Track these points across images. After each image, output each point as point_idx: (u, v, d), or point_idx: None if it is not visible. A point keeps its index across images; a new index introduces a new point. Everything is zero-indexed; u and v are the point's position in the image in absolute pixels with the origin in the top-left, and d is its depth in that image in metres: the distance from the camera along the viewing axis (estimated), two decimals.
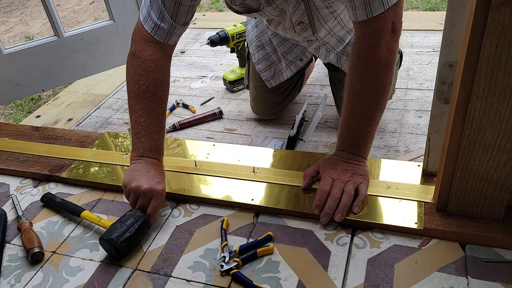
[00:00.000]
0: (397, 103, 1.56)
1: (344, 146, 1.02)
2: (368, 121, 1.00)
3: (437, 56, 1.38)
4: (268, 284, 0.86)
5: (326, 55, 1.38)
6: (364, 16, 0.93)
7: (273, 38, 1.44)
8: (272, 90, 1.49)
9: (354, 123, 1.00)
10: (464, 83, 0.77)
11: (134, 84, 1.04)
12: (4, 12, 4.17)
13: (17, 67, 1.66)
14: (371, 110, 0.99)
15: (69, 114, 1.78)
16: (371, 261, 0.89)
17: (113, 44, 1.80)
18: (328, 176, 0.99)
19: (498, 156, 0.82)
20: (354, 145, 1.01)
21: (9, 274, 0.96)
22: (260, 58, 1.48)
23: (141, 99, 1.03)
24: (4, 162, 1.30)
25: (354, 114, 0.99)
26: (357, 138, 1.01)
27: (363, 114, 0.99)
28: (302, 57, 1.44)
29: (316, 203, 0.97)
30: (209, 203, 1.08)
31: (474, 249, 0.88)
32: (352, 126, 1.00)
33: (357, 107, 0.99)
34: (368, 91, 0.98)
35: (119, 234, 0.94)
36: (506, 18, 0.68)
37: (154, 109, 1.04)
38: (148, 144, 1.03)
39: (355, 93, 0.99)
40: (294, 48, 1.43)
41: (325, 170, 1.02)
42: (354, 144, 1.01)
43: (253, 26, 1.49)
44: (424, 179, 1.05)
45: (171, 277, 0.91)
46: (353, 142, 1.01)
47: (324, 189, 0.97)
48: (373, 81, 0.97)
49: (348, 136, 1.01)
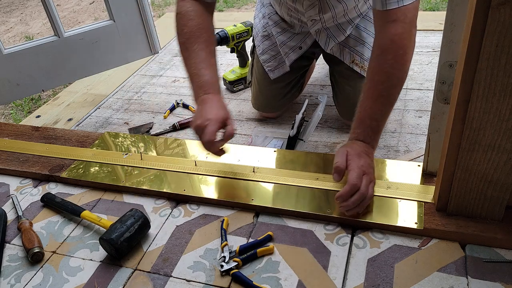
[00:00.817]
0: (397, 103, 1.54)
1: (364, 135, 1.01)
2: (389, 107, 1.02)
3: (437, 56, 1.38)
4: (268, 284, 0.86)
5: (326, 41, 1.38)
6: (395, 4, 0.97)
7: (273, 28, 1.45)
8: (275, 82, 1.50)
9: (378, 109, 1.01)
10: (464, 83, 0.77)
11: (180, 36, 1.10)
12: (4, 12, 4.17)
13: (17, 67, 1.66)
14: (393, 96, 1.01)
15: (69, 114, 1.78)
16: (371, 261, 0.89)
17: (113, 44, 1.80)
18: (358, 169, 0.96)
19: (498, 156, 0.82)
20: (374, 134, 1.01)
21: (9, 274, 0.96)
22: (266, 48, 1.49)
23: (188, 45, 1.08)
24: (4, 162, 1.30)
25: (379, 100, 1.01)
26: (378, 126, 1.01)
27: (387, 100, 1.01)
28: (301, 44, 1.44)
29: (343, 194, 0.93)
30: (209, 203, 1.08)
31: (474, 249, 0.88)
32: (375, 113, 1.01)
33: (383, 93, 1.00)
34: (396, 76, 1.00)
35: (119, 234, 0.94)
36: (506, 18, 0.68)
37: (202, 49, 1.07)
38: (200, 82, 1.06)
39: (384, 78, 1.00)
40: (294, 37, 1.43)
41: (354, 160, 0.98)
42: (374, 133, 1.01)
43: (260, 19, 1.51)
44: (424, 179, 1.05)
45: (171, 277, 0.91)
46: (374, 130, 1.01)
47: (357, 184, 0.93)
48: (402, 67, 1.00)
49: (370, 123, 1.01)
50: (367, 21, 1.35)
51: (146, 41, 1.88)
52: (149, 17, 1.83)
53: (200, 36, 1.08)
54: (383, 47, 1.01)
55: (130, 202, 1.12)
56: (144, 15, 1.81)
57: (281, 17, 1.44)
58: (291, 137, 1.33)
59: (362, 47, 1.35)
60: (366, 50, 1.34)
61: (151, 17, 1.85)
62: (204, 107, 1.03)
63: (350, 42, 1.35)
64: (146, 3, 1.81)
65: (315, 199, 1.03)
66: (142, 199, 1.13)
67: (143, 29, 1.84)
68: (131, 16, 1.79)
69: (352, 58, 1.35)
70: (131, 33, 1.82)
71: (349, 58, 1.36)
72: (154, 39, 1.88)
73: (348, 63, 1.36)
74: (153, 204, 1.11)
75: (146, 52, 1.91)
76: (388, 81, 1.00)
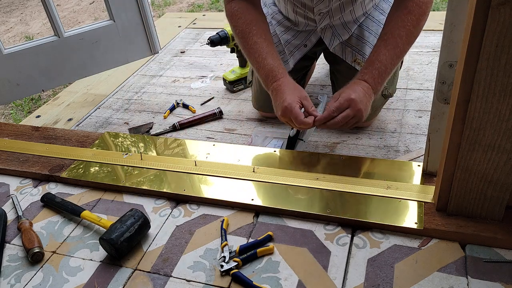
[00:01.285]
0: (397, 103, 1.55)
1: (370, 76, 1.11)
2: (398, 60, 1.13)
3: (437, 56, 1.38)
4: (268, 284, 0.86)
5: (331, 39, 1.38)
6: None
7: (277, 27, 1.45)
8: None
9: (390, 58, 1.11)
10: (464, 83, 0.77)
11: (236, 37, 1.22)
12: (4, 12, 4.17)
13: (17, 67, 1.66)
14: (405, 52, 1.14)
15: (69, 114, 1.78)
16: (371, 261, 0.89)
17: (113, 44, 1.80)
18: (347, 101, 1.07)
19: (498, 156, 0.82)
20: (379, 78, 1.11)
21: (9, 274, 0.96)
22: None
23: (244, 44, 1.18)
24: (4, 162, 1.30)
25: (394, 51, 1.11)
26: (385, 73, 1.11)
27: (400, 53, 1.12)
28: (306, 42, 1.44)
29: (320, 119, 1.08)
30: (209, 203, 1.08)
31: (474, 249, 0.88)
32: (386, 60, 1.11)
33: (400, 46, 1.11)
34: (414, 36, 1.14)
35: (119, 234, 0.95)
36: (506, 18, 0.68)
37: (256, 43, 1.16)
38: (264, 73, 1.15)
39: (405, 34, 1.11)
40: (299, 35, 1.43)
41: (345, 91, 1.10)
42: (380, 77, 1.11)
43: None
44: (424, 179, 1.05)
45: (171, 277, 0.91)
46: (380, 75, 1.11)
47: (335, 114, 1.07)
48: (420, 29, 1.14)
49: (379, 67, 1.11)
50: (370, 20, 1.35)
51: (146, 41, 1.88)
52: (149, 17, 1.83)
53: (251, 31, 1.17)
54: (409, 8, 1.11)
55: (130, 202, 1.12)
56: (144, 15, 1.81)
57: (284, 16, 1.44)
58: (291, 137, 1.33)
59: (364, 46, 1.34)
60: (368, 49, 1.34)
61: (151, 17, 1.85)
62: (278, 94, 1.11)
63: (352, 41, 1.35)
64: (146, 3, 1.80)
65: (315, 199, 1.03)
66: (142, 199, 1.13)
67: (143, 29, 1.84)
68: (131, 16, 1.79)
69: (354, 57, 1.35)
70: (131, 33, 1.82)
71: (351, 57, 1.36)
72: (154, 39, 1.88)
73: (350, 62, 1.36)
74: (153, 204, 1.11)
75: (146, 52, 1.91)
76: (406, 37, 1.12)
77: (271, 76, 1.13)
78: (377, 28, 1.34)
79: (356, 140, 1.40)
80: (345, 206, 1.00)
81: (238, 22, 1.18)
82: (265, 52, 1.15)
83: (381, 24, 1.34)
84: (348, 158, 1.16)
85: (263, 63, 1.14)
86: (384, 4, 1.36)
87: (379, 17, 1.35)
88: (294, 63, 1.45)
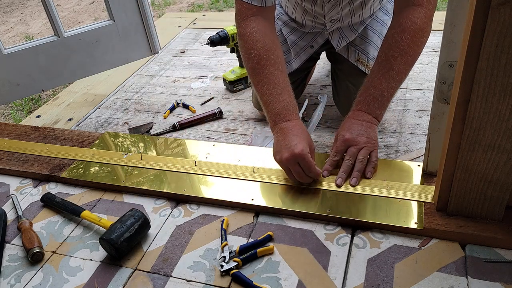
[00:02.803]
0: (397, 103, 1.56)
1: (363, 104, 1.07)
2: (397, 83, 1.07)
3: (437, 56, 1.38)
4: (268, 284, 0.86)
5: (338, 40, 1.38)
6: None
7: (283, 28, 1.44)
8: None
9: (386, 82, 1.05)
10: (464, 83, 0.77)
11: (248, 60, 1.09)
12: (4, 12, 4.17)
13: (17, 67, 1.66)
14: (403, 73, 1.06)
15: (69, 114, 1.78)
16: (371, 261, 0.89)
17: (113, 44, 1.80)
18: (343, 142, 1.04)
19: (498, 156, 0.82)
20: (376, 104, 1.06)
21: (9, 274, 0.96)
22: None
23: (258, 71, 1.07)
24: (4, 162, 1.30)
25: (389, 73, 1.05)
26: (382, 98, 1.06)
27: (396, 75, 1.05)
28: (313, 44, 1.44)
29: (326, 167, 1.06)
30: (209, 203, 1.08)
31: (474, 249, 0.88)
32: (381, 84, 1.05)
33: (395, 68, 1.05)
34: (410, 55, 1.05)
35: (119, 234, 0.95)
36: (506, 18, 0.68)
37: (272, 73, 1.06)
38: (276, 109, 1.05)
39: (399, 54, 1.05)
40: (305, 36, 1.43)
41: (340, 133, 1.07)
42: (377, 103, 1.06)
43: None
44: (424, 179, 1.05)
45: (171, 277, 0.91)
46: (377, 101, 1.06)
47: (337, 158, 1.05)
48: (417, 48, 1.06)
49: (374, 93, 1.06)
50: (375, 21, 1.35)
51: (146, 41, 1.88)
52: (149, 17, 1.83)
53: (269, 58, 1.07)
54: (403, 26, 1.05)
55: (130, 202, 1.12)
56: (144, 15, 1.81)
57: (291, 17, 1.44)
58: None
59: (368, 46, 1.35)
60: (371, 49, 1.34)
61: (151, 17, 1.85)
62: (288, 136, 1.01)
63: (356, 41, 1.35)
64: (146, 3, 1.80)
65: (315, 199, 1.03)
66: (142, 199, 1.13)
67: (143, 29, 1.84)
68: (131, 16, 1.79)
69: (357, 57, 1.35)
70: (131, 33, 1.82)
71: (355, 56, 1.36)
72: (154, 39, 1.88)
73: (353, 61, 1.36)
74: (153, 204, 1.11)
75: (146, 52, 1.91)
76: (401, 58, 1.05)
77: (284, 114, 1.04)
78: (381, 28, 1.34)
79: None
80: (345, 206, 1.00)
81: (256, 45, 1.07)
82: (281, 87, 1.06)
83: (385, 25, 1.34)
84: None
85: (277, 98, 1.05)
86: (388, 4, 1.36)
87: (383, 17, 1.35)
88: (300, 64, 1.45)
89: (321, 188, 1.05)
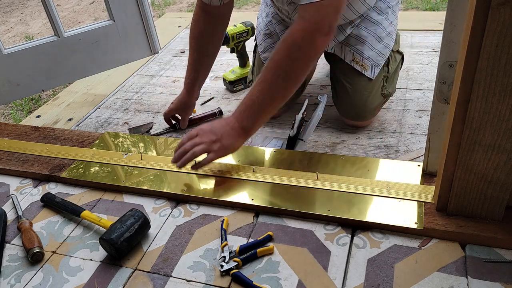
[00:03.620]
0: (397, 103, 1.55)
1: (237, 111, 1.10)
2: (270, 98, 1.05)
3: (437, 56, 1.38)
4: (268, 284, 0.86)
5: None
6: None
7: (276, 26, 1.45)
8: None
9: (257, 92, 1.06)
10: (464, 83, 0.77)
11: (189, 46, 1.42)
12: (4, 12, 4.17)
13: (17, 67, 1.66)
14: (276, 88, 1.05)
15: (69, 114, 1.78)
16: (371, 261, 0.89)
17: (113, 44, 1.80)
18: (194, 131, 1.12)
19: (498, 156, 0.82)
20: (246, 113, 1.08)
21: (9, 274, 0.96)
22: (267, 46, 1.49)
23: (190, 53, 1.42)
24: (4, 162, 1.30)
25: (262, 85, 1.06)
26: (252, 108, 1.07)
27: (269, 88, 1.05)
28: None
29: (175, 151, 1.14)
30: (209, 203, 1.08)
31: (474, 249, 0.88)
32: (254, 94, 1.06)
33: (267, 80, 1.05)
34: (283, 69, 1.03)
35: (119, 234, 0.95)
36: (506, 18, 0.68)
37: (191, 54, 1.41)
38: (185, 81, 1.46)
39: (273, 65, 1.04)
40: None
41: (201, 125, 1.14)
42: (247, 112, 1.07)
43: (263, 18, 1.52)
44: (424, 179, 1.05)
45: (171, 277, 0.91)
46: (247, 110, 1.07)
47: (183, 141, 1.12)
48: (291, 63, 1.03)
49: (247, 102, 1.08)
50: (368, 20, 1.35)
51: (146, 41, 1.88)
52: (149, 17, 1.83)
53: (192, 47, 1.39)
54: (282, 38, 1.04)
55: (130, 202, 1.12)
56: (144, 15, 1.81)
57: (281, 18, 1.45)
58: (291, 137, 1.33)
59: (362, 46, 1.35)
60: (366, 48, 1.34)
61: (151, 17, 1.85)
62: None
63: (351, 41, 1.36)
64: (146, 3, 1.80)
65: (315, 199, 1.03)
66: (142, 199, 1.13)
67: (143, 29, 1.84)
68: (131, 16, 1.79)
69: (352, 57, 1.36)
70: (131, 33, 1.82)
71: (350, 56, 1.36)
72: (154, 39, 1.88)
73: (348, 61, 1.36)
74: (153, 204, 1.11)
75: (146, 52, 1.91)
76: (274, 69, 1.04)
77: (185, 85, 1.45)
78: (375, 28, 1.34)
79: (356, 140, 1.40)
80: (345, 206, 1.00)
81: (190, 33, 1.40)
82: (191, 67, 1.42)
83: (379, 24, 1.34)
84: (348, 158, 1.16)
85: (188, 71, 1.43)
86: (381, 4, 1.35)
87: (377, 17, 1.35)
88: None
89: (321, 188, 1.05)
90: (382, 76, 1.38)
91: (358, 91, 1.37)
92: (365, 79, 1.36)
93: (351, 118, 1.43)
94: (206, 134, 1.10)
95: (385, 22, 1.35)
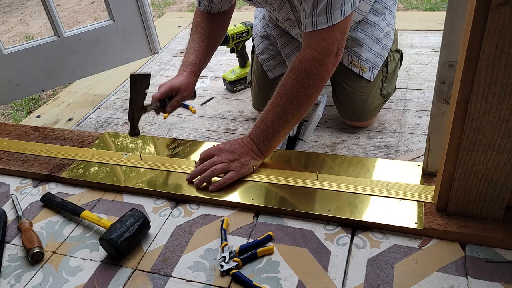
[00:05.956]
0: (397, 103, 1.56)
1: (253, 134, 1.11)
2: (283, 122, 1.08)
3: (437, 56, 1.38)
4: (268, 284, 0.86)
5: None
6: (310, 27, 1.02)
7: (273, 30, 1.45)
8: (274, 82, 1.50)
9: (271, 117, 1.08)
10: (464, 83, 0.77)
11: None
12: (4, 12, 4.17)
13: (17, 67, 1.66)
14: (290, 113, 1.07)
15: (69, 114, 1.78)
16: (371, 261, 0.89)
17: (113, 44, 1.80)
18: (212, 151, 1.12)
19: (498, 156, 0.82)
20: (262, 136, 1.09)
21: (9, 274, 0.96)
22: (264, 48, 1.49)
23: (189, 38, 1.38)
24: (4, 162, 1.30)
25: (275, 110, 1.07)
26: (267, 132, 1.09)
27: (282, 113, 1.07)
28: (300, 46, 1.44)
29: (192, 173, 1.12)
30: (209, 203, 1.08)
31: (474, 249, 0.88)
32: (268, 119, 1.08)
33: (281, 105, 1.07)
34: (295, 96, 1.05)
35: (119, 234, 0.95)
36: (506, 18, 0.68)
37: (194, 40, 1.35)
38: (183, 61, 1.36)
39: (284, 92, 1.07)
40: (293, 41, 1.43)
41: (218, 145, 1.13)
42: (262, 135, 1.09)
43: (260, 19, 1.52)
44: (424, 179, 1.05)
45: (171, 277, 0.91)
46: (262, 133, 1.09)
47: (201, 159, 1.12)
48: (304, 90, 1.05)
49: (261, 125, 1.10)
50: (365, 22, 1.35)
51: (146, 41, 1.88)
52: (149, 17, 1.83)
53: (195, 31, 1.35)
54: (292, 65, 1.06)
55: (130, 202, 1.12)
56: (144, 15, 1.81)
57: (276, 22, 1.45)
58: (291, 137, 1.33)
59: (359, 48, 1.35)
60: (363, 50, 1.34)
61: (151, 17, 1.85)
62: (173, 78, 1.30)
63: (348, 43, 1.35)
64: (146, 3, 1.81)
65: (315, 199, 1.03)
66: (142, 199, 1.13)
67: (143, 29, 1.84)
68: (131, 16, 1.79)
69: (350, 59, 1.36)
70: (131, 33, 1.82)
71: (347, 59, 1.36)
72: (154, 39, 1.88)
73: (346, 64, 1.36)
74: (153, 204, 1.11)
75: (146, 52, 1.91)
76: (286, 96, 1.06)
77: (183, 66, 1.33)
78: (372, 30, 1.34)
79: (356, 140, 1.40)
80: (345, 206, 1.00)
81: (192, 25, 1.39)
82: (191, 51, 1.35)
83: (376, 25, 1.34)
84: (348, 158, 1.16)
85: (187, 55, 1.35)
86: (378, 5, 1.35)
87: (374, 18, 1.35)
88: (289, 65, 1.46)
89: (321, 188, 1.05)
90: (381, 77, 1.38)
91: (357, 93, 1.37)
92: (364, 81, 1.36)
93: (351, 119, 1.44)
94: (225, 154, 1.10)
95: (382, 23, 1.35)
